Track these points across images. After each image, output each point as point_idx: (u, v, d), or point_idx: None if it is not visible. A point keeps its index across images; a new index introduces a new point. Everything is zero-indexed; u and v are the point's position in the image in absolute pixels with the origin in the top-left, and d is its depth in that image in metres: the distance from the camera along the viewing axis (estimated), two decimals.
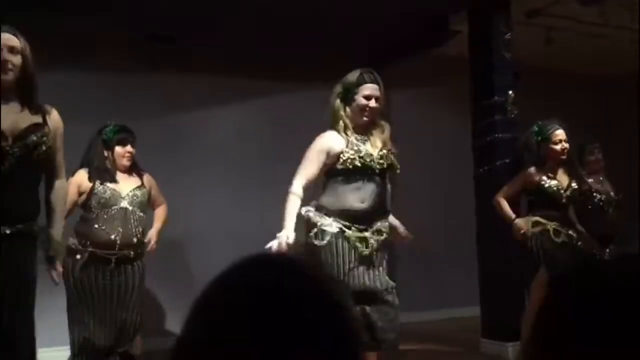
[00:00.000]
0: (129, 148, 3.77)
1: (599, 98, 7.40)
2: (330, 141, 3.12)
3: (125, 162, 3.76)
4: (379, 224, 3.11)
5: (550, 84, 6.93)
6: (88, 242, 3.55)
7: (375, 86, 3.11)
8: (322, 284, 0.73)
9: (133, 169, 3.84)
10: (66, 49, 5.02)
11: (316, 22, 5.40)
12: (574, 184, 4.17)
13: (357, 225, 3.05)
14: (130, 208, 3.64)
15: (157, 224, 4.03)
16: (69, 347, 3.63)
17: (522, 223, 4.12)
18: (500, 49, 4.85)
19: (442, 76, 6.41)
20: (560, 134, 4.11)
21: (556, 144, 4.09)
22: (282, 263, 0.74)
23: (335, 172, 3.11)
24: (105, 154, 3.73)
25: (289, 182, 3.14)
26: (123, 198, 3.64)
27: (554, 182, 4.11)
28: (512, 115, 4.83)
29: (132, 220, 3.63)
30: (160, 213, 4.10)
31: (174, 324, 5.20)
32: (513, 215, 4.20)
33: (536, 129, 4.18)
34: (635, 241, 4.86)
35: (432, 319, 6.20)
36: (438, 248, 6.33)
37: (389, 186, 3.17)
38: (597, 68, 7.23)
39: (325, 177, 3.17)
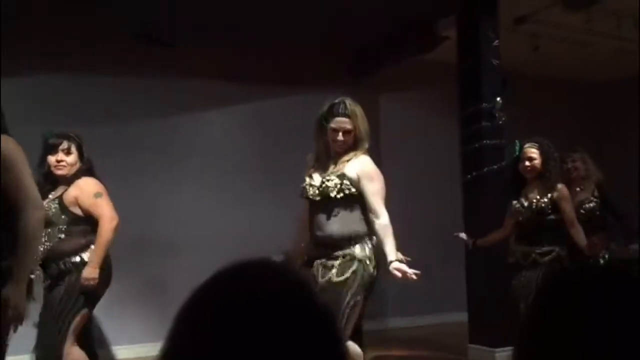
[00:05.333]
0: (58, 156, 3.31)
1: (586, 104, 7.45)
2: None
3: (57, 171, 3.32)
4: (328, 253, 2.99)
5: (538, 91, 6.98)
6: None
7: (343, 119, 2.99)
8: (305, 289, 0.73)
9: (75, 179, 3.34)
10: (58, 50, 5.00)
11: (305, 28, 5.41)
12: (543, 200, 3.83)
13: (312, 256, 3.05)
14: None
15: (96, 246, 3.25)
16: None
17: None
18: (489, 55, 4.86)
19: (430, 82, 6.44)
20: (527, 150, 3.91)
21: (522, 161, 3.92)
22: (264, 269, 0.74)
23: None
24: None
25: (276, 186, 3.13)
26: None
27: (514, 202, 3.95)
28: (500, 122, 4.83)
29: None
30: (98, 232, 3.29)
31: (158, 331, 5.16)
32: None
33: (516, 147, 4.02)
34: (636, 243, 4.87)
35: (422, 324, 6.21)
36: (427, 254, 6.32)
37: (340, 212, 3.01)
38: (583, 75, 7.29)
39: None
